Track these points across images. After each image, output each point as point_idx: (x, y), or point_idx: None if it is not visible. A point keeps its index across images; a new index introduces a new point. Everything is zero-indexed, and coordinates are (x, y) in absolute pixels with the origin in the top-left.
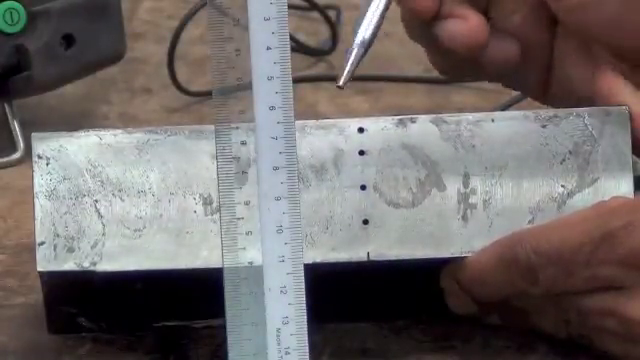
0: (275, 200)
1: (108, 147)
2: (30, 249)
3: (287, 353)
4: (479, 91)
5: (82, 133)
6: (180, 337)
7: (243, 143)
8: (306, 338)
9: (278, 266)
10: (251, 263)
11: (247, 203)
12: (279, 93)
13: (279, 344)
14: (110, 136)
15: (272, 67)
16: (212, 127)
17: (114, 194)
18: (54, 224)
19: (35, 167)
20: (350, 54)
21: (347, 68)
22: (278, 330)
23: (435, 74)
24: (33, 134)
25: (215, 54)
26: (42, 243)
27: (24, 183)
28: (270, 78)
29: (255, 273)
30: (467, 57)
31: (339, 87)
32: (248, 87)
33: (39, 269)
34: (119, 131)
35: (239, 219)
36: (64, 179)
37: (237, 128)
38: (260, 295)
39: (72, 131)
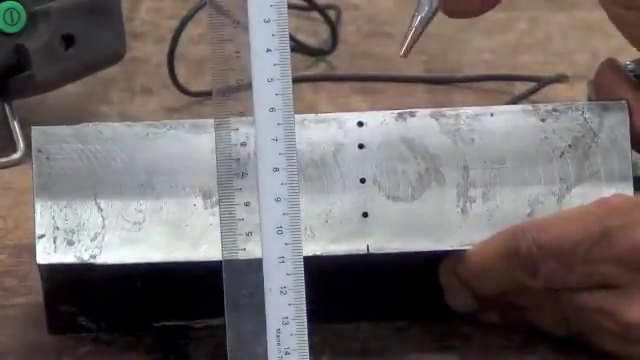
0: (275, 201)
1: (108, 141)
2: (30, 249)
3: (287, 353)
4: (480, 91)
5: (82, 127)
6: (180, 337)
7: (243, 144)
8: (306, 338)
9: (278, 267)
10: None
11: (247, 204)
12: (279, 95)
13: (279, 344)
14: (110, 130)
15: (272, 69)
16: (212, 121)
17: (114, 187)
18: (54, 217)
19: (35, 161)
20: (415, 20)
21: (410, 35)
22: (278, 330)
23: (435, 74)
24: (33, 128)
25: (215, 55)
26: (42, 236)
27: (24, 183)
28: (270, 80)
29: (255, 267)
30: None
31: (402, 56)
32: (248, 88)
33: (39, 262)
34: (119, 125)
35: (239, 220)
36: (64, 172)
37: (237, 129)
38: (260, 293)
39: (72, 125)
